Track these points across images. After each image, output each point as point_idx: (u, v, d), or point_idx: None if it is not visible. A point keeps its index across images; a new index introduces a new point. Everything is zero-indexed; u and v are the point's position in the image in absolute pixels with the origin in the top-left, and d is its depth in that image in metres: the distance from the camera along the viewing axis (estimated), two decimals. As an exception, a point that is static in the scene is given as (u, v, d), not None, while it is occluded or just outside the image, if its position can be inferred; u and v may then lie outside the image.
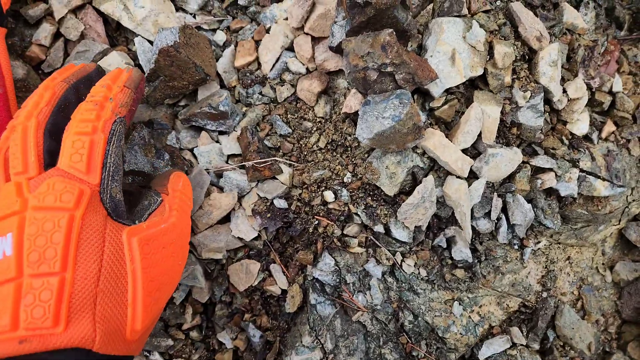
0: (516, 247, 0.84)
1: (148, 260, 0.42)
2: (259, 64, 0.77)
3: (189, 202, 0.55)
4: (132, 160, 0.60)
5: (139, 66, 0.75)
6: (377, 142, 0.63)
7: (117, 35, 0.79)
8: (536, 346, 0.89)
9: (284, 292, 0.75)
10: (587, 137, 0.86)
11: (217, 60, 0.77)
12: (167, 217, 0.48)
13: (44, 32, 0.74)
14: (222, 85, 0.77)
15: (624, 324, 1.00)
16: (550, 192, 0.84)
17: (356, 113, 0.72)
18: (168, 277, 0.46)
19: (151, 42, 0.73)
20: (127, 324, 0.40)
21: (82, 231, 0.38)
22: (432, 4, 0.78)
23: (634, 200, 0.93)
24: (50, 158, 0.45)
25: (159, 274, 0.43)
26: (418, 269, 0.79)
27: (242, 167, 0.73)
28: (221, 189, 0.73)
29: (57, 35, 0.75)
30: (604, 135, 0.87)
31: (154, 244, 0.44)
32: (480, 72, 0.72)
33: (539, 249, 0.88)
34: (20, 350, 0.33)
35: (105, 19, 0.78)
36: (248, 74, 0.76)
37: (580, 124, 0.84)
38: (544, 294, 0.92)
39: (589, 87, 0.85)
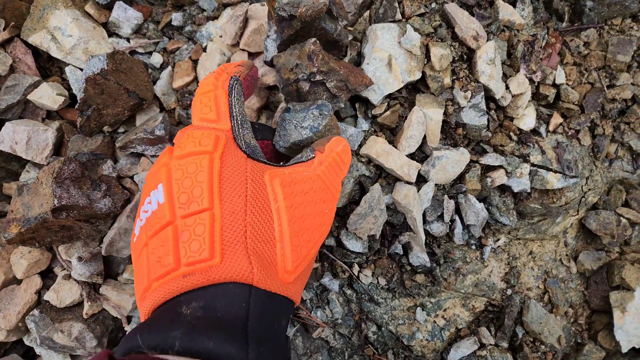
0: (474, 247, 0.83)
1: (291, 201, 0.42)
2: (198, 83, 0.76)
3: (343, 165, 0.53)
4: (64, 195, 0.58)
5: (73, 96, 0.74)
6: (293, 151, 0.62)
7: (50, 65, 0.77)
8: (505, 344, 0.88)
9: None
10: (535, 131, 0.86)
11: (154, 83, 0.76)
12: (313, 169, 0.48)
13: (-29, 68, 0.72)
14: (162, 108, 0.76)
15: (594, 314, 1.00)
16: (504, 189, 0.84)
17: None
18: (314, 222, 0.44)
19: (81, 71, 0.72)
20: (277, 262, 0.39)
21: (222, 169, 0.40)
22: (368, 11, 0.78)
23: (589, 190, 0.93)
24: None
25: (304, 217, 0.42)
26: (377, 278, 0.78)
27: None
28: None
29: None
30: (551, 127, 0.87)
31: (296, 187, 0.44)
32: (418, 76, 0.72)
33: (498, 246, 0.88)
34: (185, 285, 0.34)
35: (36, 51, 0.76)
36: (187, 95, 0.75)
37: (526, 119, 0.84)
38: (509, 291, 0.91)
39: (532, 82, 0.85)
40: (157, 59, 0.77)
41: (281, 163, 0.51)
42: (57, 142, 0.71)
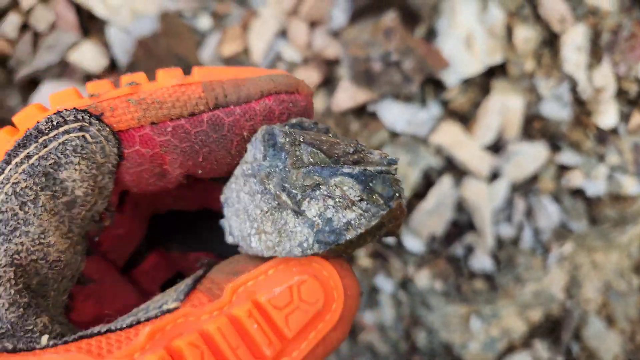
0: (539, 253, 0.76)
1: None
2: (248, 52, 0.69)
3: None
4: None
5: (113, 58, 0.67)
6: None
7: (91, 24, 0.70)
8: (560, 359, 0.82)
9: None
10: (613, 130, 0.79)
11: (200, 48, 0.69)
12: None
13: (11, 24, 0.66)
14: (209, 79, 0.69)
15: (653, 332, 0.93)
16: (576, 191, 0.76)
17: (350, 110, 0.63)
18: None
19: (126, 33, 0.65)
20: None
21: None
22: (441, -15, 0.70)
23: (663, 198, 0.85)
24: None
25: None
26: (433, 281, 0.71)
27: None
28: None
29: (25, 26, 0.68)
30: (631, 127, 0.79)
31: None
32: (498, 58, 0.64)
33: (562, 254, 0.80)
34: None
35: (78, 8, 0.70)
36: (236, 64, 0.68)
37: (606, 116, 0.76)
38: (568, 303, 0.84)
39: (615, 75, 0.77)
40: (204, 23, 0.70)
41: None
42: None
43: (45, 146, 0.17)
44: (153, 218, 0.27)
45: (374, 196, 0.17)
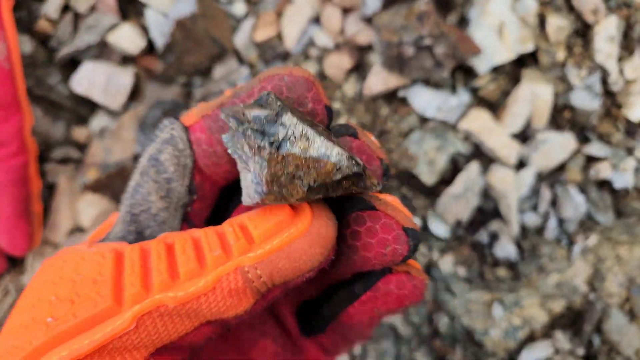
0: (564, 244, 0.76)
1: None
2: (282, 37, 0.70)
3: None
4: (147, 143, 0.53)
5: (150, 40, 0.69)
6: None
7: (129, 7, 0.72)
8: (581, 351, 0.81)
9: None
10: (643, 123, 0.78)
11: (234, 33, 0.71)
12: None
13: (53, 5, 0.68)
14: (241, 62, 0.71)
15: (676, 329, 0.92)
16: (603, 183, 0.76)
17: (381, 95, 0.64)
18: None
19: (164, 16, 0.67)
20: None
21: None
22: (473, -26, 0.70)
23: (691, 194, 0.84)
24: None
25: None
26: (456, 267, 0.72)
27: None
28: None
29: (66, 7, 0.70)
30: (662, 121, 0.79)
31: None
32: (530, 47, 0.65)
33: (587, 246, 0.80)
34: None
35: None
36: (269, 49, 0.69)
37: (636, 109, 0.75)
38: (591, 296, 0.84)
39: (648, 68, 0.76)
40: (239, 7, 0.71)
41: None
42: (132, 89, 0.66)
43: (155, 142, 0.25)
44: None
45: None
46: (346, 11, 0.67)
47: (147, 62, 0.70)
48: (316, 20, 0.69)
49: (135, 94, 0.68)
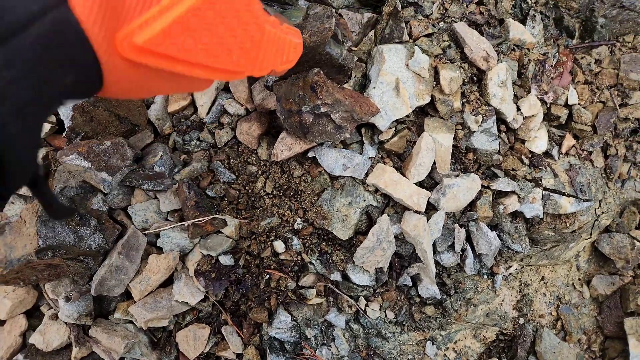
0: (485, 276, 0.79)
1: None
2: (195, 107, 0.72)
3: (284, 52, 0.41)
4: (50, 235, 0.53)
5: (61, 121, 0.70)
6: None
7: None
8: (518, 376, 0.84)
9: (240, 356, 0.69)
10: (547, 154, 0.83)
11: (148, 107, 0.72)
12: (262, 18, 0.36)
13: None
14: (156, 134, 0.72)
15: (607, 340, 0.97)
16: (516, 214, 0.80)
17: (290, 158, 0.67)
18: (223, 35, 0.32)
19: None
20: (125, 20, 0.27)
21: None
22: (373, 30, 0.74)
23: (602, 213, 0.90)
24: None
25: (213, 16, 0.31)
26: (384, 311, 0.74)
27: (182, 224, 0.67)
28: (160, 249, 0.67)
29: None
30: (564, 150, 0.84)
31: None
32: (427, 100, 0.69)
33: (510, 274, 0.84)
34: None
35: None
36: (183, 120, 0.71)
37: (538, 141, 0.80)
38: (521, 320, 0.87)
39: (544, 102, 0.82)
40: (151, 82, 0.73)
41: None
42: (43, 172, 0.66)
43: None
44: None
45: None
46: (252, 79, 0.70)
47: (59, 143, 0.70)
48: (226, 89, 0.71)
49: (46, 179, 0.67)
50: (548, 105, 0.82)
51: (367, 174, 0.67)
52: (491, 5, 0.79)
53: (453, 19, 0.75)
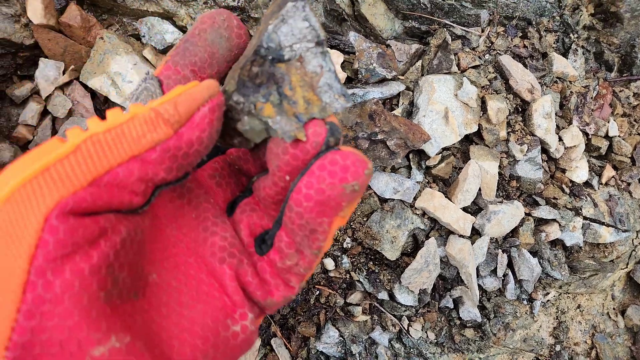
0: (525, 301, 0.81)
1: None
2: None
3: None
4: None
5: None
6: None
7: (106, 108, 0.78)
8: (554, 403, 0.85)
9: (288, 368, 0.71)
10: (587, 184, 0.85)
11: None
12: None
13: (31, 112, 0.73)
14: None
15: (642, 371, 0.97)
16: (556, 242, 0.82)
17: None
18: None
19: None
20: None
21: None
22: (420, 61, 0.78)
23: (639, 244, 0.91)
24: None
25: None
26: (426, 332, 0.76)
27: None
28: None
29: (44, 113, 0.74)
30: (604, 180, 0.86)
31: None
32: (475, 128, 0.71)
33: (548, 300, 0.85)
34: None
35: (93, 93, 0.77)
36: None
37: (579, 171, 0.82)
38: (557, 347, 0.88)
39: (585, 134, 0.84)
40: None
41: None
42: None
43: None
44: None
45: None
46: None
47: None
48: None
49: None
50: (589, 137, 0.85)
51: (415, 198, 0.70)
52: (535, 40, 0.82)
53: (498, 51, 0.78)
